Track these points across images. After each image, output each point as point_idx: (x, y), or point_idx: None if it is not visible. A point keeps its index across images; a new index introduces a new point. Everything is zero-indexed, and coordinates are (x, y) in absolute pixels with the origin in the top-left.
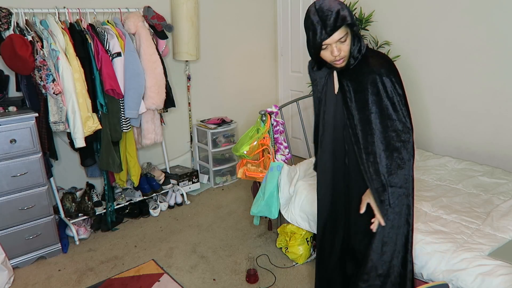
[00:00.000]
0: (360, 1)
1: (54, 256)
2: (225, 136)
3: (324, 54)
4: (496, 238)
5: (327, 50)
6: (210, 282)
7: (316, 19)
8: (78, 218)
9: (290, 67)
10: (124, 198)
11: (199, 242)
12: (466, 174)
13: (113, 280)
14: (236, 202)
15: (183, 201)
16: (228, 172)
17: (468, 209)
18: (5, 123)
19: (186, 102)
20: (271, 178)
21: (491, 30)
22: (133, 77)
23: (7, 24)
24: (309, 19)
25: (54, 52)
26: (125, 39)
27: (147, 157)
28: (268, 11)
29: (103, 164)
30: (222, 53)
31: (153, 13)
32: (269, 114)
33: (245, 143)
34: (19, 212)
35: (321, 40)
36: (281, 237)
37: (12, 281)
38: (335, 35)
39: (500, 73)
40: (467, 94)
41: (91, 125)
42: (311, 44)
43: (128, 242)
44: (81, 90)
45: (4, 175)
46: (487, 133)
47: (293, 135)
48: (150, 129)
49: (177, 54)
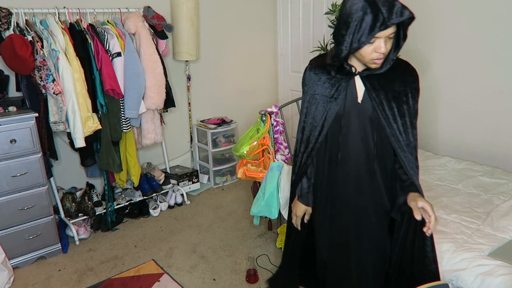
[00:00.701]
0: None
1: (54, 256)
2: (225, 136)
3: (365, 50)
4: (496, 238)
5: (370, 46)
6: (210, 282)
7: (380, 2)
8: (78, 218)
9: (290, 67)
10: (124, 198)
11: (199, 242)
12: (466, 174)
13: (113, 280)
14: (236, 202)
15: (183, 201)
16: (228, 172)
17: (468, 209)
18: (5, 123)
19: (186, 102)
20: (271, 178)
21: (491, 30)
22: (133, 77)
23: (7, 24)
24: (367, 2)
25: (54, 52)
26: (125, 39)
27: (147, 157)
28: (268, 11)
29: (103, 164)
30: (222, 53)
31: (153, 13)
32: (269, 114)
33: (245, 143)
34: (19, 212)
35: (378, 30)
36: (281, 237)
37: (12, 281)
38: (391, 28)
39: (500, 73)
40: (467, 93)
41: (91, 125)
42: (356, 34)
43: (128, 242)
44: (81, 90)
45: (4, 175)
46: (487, 133)
47: (293, 135)
48: (150, 129)
49: (177, 54)
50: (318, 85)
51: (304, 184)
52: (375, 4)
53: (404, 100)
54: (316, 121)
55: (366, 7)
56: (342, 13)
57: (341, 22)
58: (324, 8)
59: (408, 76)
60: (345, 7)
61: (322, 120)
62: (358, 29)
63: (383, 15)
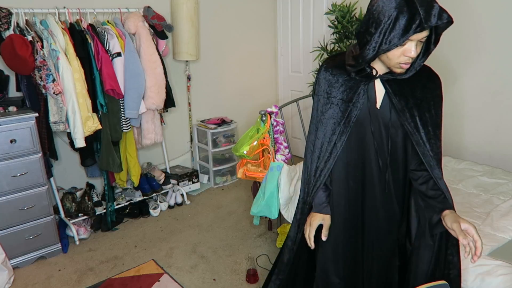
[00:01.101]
0: (360, 1)
1: (54, 256)
2: (225, 136)
3: (393, 52)
4: (496, 238)
5: (400, 48)
6: (210, 282)
7: (423, 2)
8: (78, 218)
9: (290, 67)
10: (124, 198)
11: (199, 242)
12: (466, 174)
13: (113, 280)
14: (236, 202)
15: (183, 201)
16: (228, 172)
17: (468, 209)
18: (5, 123)
19: (186, 102)
20: (271, 178)
21: (491, 30)
22: (133, 77)
23: (7, 24)
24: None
25: (54, 52)
26: (125, 39)
27: (147, 157)
28: (268, 11)
29: (103, 164)
30: (222, 53)
31: (153, 13)
32: (269, 114)
33: (245, 143)
34: (19, 212)
35: (413, 32)
36: (281, 237)
37: (12, 281)
38: (426, 31)
39: (500, 73)
40: (467, 94)
41: (91, 125)
42: (387, 34)
43: (128, 242)
44: (81, 90)
45: (4, 175)
46: (487, 133)
47: (293, 135)
48: (150, 129)
49: (177, 54)
50: (335, 87)
51: (323, 196)
52: (413, 2)
53: (426, 107)
54: (333, 127)
55: (403, 6)
56: (373, 9)
57: (370, 19)
58: (324, 8)
59: (431, 83)
60: (377, 3)
61: (341, 127)
62: (391, 29)
63: (421, 15)
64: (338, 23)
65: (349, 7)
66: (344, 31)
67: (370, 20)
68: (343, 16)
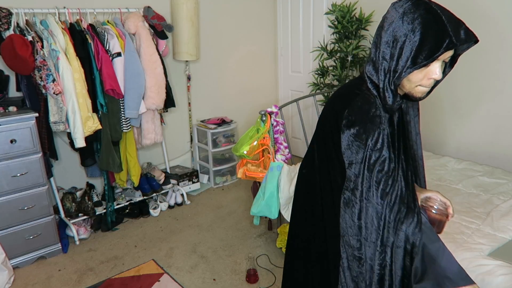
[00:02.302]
0: (360, 1)
1: (54, 256)
2: (225, 136)
3: (416, 75)
4: (496, 238)
5: (423, 70)
6: (210, 282)
7: (450, 19)
8: (78, 218)
9: (290, 67)
10: (124, 198)
11: (199, 242)
12: (466, 174)
13: (113, 280)
14: (236, 202)
15: (183, 201)
16: (228, 172)
17: (468, 209)
18: (5, 123)
19: (186, 102)
20: (271, 178)
21: (491, 30)
22: (133, 77)
23: (7, 24)
24: (437, 15)
25: (54, 52)
26: (125, 39)
27: (147, 157)
28: (268, 11)
29: (103, 164)
30: (222, 53)
31: (153, 13)
32: (269, 114)
33: (245, 143)
34: (19, 212)
35: (444, 50)
36: (281, 237)
37: (12, 281)
38: (451, 51)
39: (500, 73)
40: (467, 94)
41: (91, 125)
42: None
43: (128, 242)
44: (81, 90)
45: (4, 175)
46: (487, 133)
47: (293, 135)
48: (150, 129)
49: (177, 54)
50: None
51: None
52: (441, 20)
53: (417, 120)
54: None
55: (431, 22)
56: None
57: (396, 38)
58: (324, 8)
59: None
60: (402, 18)
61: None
62: (419, 48)
63: (450, 33)
64: (338, 23)
65: (349, 7)
66: (344, 31)
67: (395, 40)
68: (343, 16)
